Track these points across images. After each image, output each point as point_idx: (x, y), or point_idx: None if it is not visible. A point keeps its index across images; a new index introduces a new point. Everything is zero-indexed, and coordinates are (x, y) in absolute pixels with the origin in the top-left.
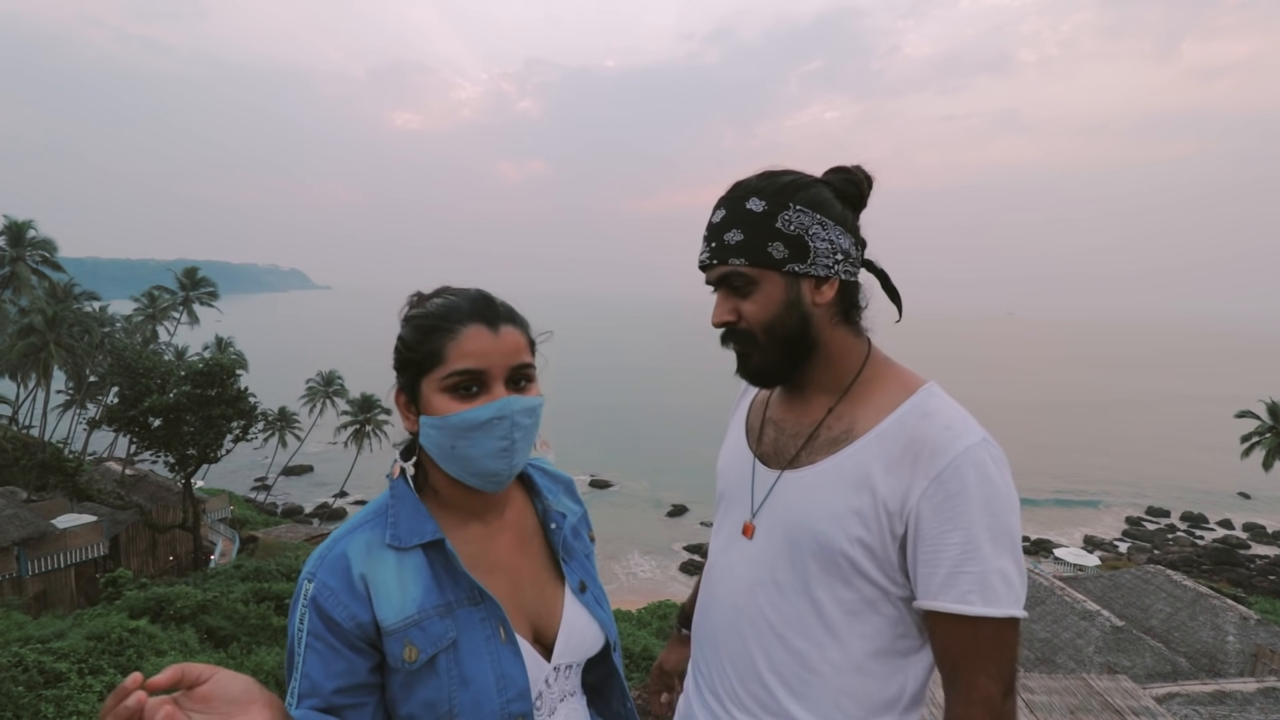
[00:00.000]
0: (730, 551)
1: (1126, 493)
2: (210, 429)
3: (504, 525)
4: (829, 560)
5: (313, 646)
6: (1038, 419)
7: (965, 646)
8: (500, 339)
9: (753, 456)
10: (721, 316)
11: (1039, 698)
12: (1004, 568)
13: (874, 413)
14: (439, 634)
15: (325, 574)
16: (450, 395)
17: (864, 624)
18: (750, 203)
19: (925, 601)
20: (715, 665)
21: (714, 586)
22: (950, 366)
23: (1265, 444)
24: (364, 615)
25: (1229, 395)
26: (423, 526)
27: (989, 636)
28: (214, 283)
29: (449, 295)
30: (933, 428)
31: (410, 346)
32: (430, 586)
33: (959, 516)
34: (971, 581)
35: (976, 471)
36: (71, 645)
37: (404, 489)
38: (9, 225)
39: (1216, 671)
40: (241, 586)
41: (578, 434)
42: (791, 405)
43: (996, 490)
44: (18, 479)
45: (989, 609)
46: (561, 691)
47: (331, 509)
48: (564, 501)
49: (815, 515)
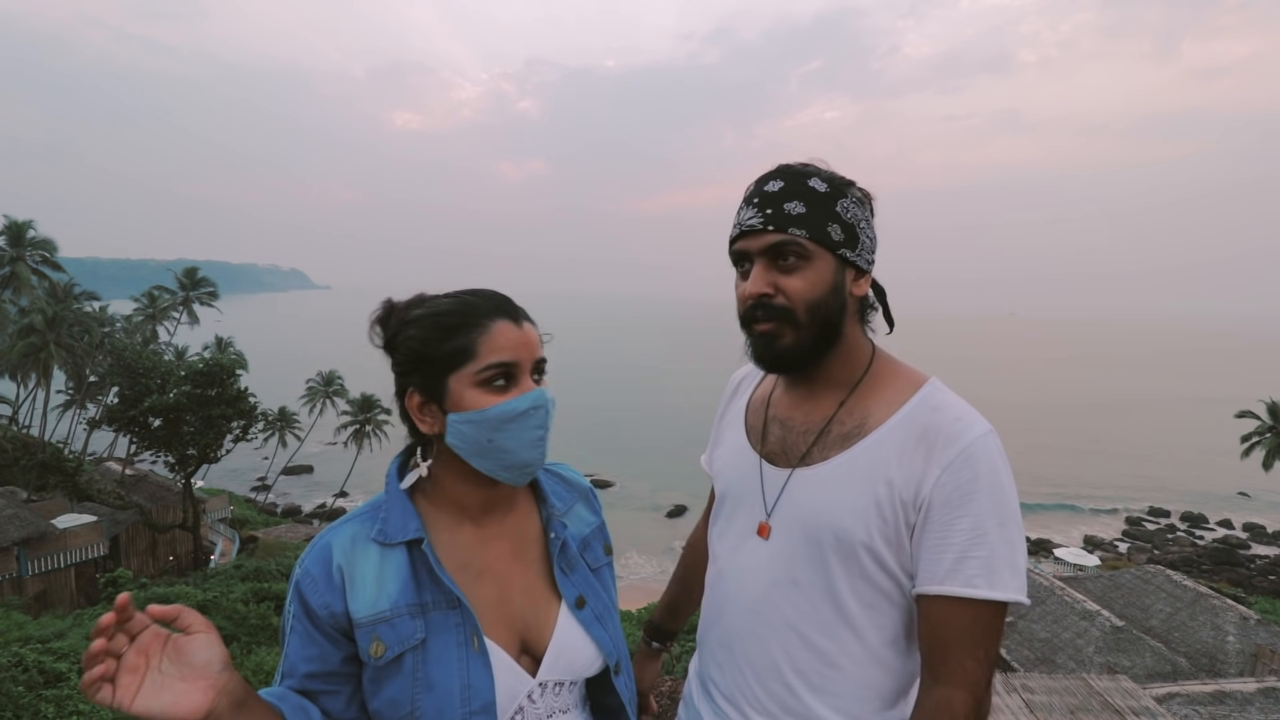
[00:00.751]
0: (741, 554)
1: (1126, 493)
2: (210, 429)
3: (501, 531)
4: (850, 555)
5: (295, 629)
6: (1038, 419)
7: (960, 630)
8: (524, 332)
9: (758, 457)
10: (761, 287)
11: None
12: (1010, 553)
13: (885, 407)
14: (407, 633)
15: (310, 562)
16: (485, 389)
17: (882, 615)
18: (813, 181)
19: (930, 586)
20: (731, 671)
21: (726, 591)
22: (953, 366)
23: (1265, 444)
24: (337, 605)
25: (1229, 395)
26: (407, 524)
27: (984, 621)
28: (214, 283)
29: (453, 295)
30: (944, 420)
31: (429, 344)
32: (408, 585)
33: (968, 503)
34: (978, 566)
35: (986, 461)
36: (71, 645)
37: (396, 487)
38: (9, 225)
39: (1216, 671)
40: (241, 586)
41: (578, 434)
42: (799, 402)
43: (1001, 479)
44: (18, 479)
45: (994, 593)
46: (549, 708)
47: (331, 509)
48: (578, 511)
49: (835, 511)
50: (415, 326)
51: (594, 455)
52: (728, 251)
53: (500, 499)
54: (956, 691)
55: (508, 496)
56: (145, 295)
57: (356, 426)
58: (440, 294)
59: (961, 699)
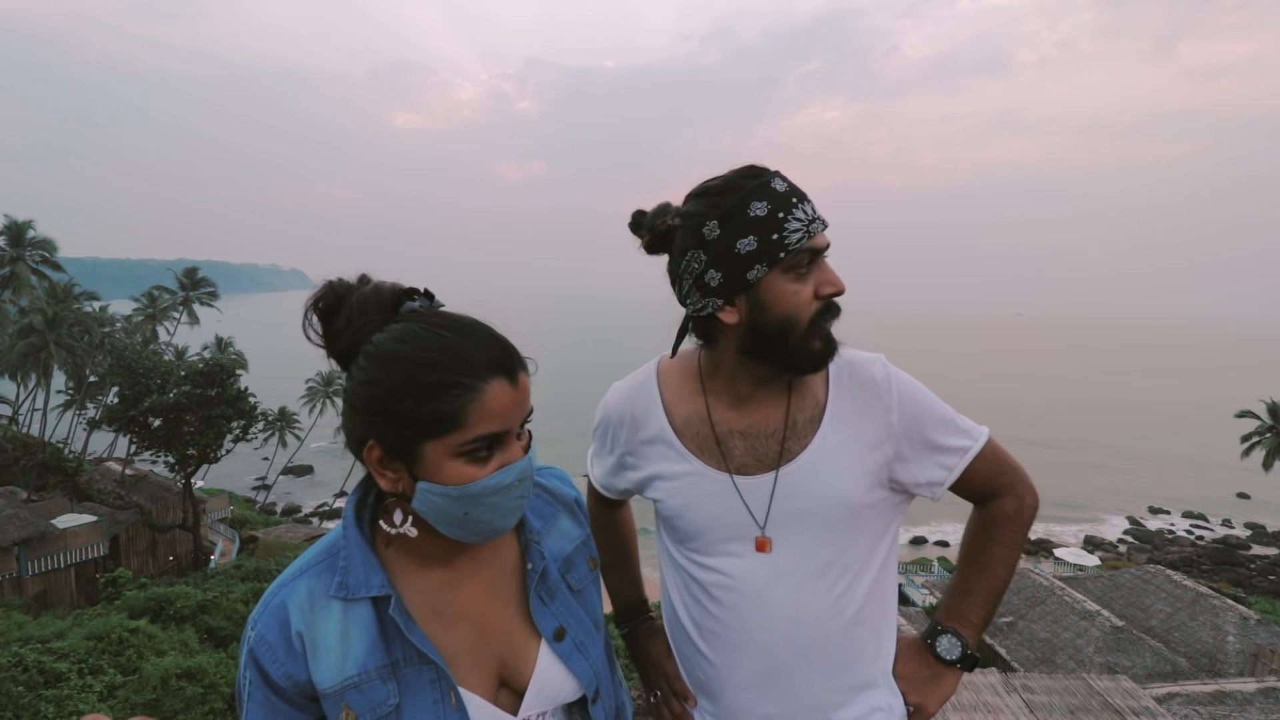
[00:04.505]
0: (747, 576)
1: (1126, 493)
2: (210, 429)
3: (475, 568)
4: (855, 518)
5: (254, 698)
6: (1039, 419)
7: (985, 472)
8: (520, 391)
9: (728, 474)
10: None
11: (1039, 698)
12: (953, 413)
13: (819, 380)
14: (379, 699)
15: (264, 626)
16: (466, 460)
17: (888, 533)
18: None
19: (954, 472)
20: (786, 694)
21: (746, 617)
22: (954, 366)
23: (1265, 444)
24: (300, 674)
25: (1229, 395)
26: (370, 579)
27: (988, 455)
28: (214, 283)
29: (429, 325)
30: (862, 367)
31: (400, 399)
32: (375, 644)
33: (921, 413)
34: (957, 436)
35: (902, 380)
36: (71, 645)
37: (355, 534)
38: (9, 225)
39: (1216, 671)
40: (241, 586)
41: (577, 434)
42: (752, 409)
43: (914, 380)
44: (18, 479)
45: (979, 441)
46: None
47: (331, 509)
48: (561, 525)
49: (838, 485)
50: (384, 366)
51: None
52: (783, 250)
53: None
54: (1003, 500)
55: None
56: (145, 295)
57: None
58: (417, 311)
59: (1008, 503)
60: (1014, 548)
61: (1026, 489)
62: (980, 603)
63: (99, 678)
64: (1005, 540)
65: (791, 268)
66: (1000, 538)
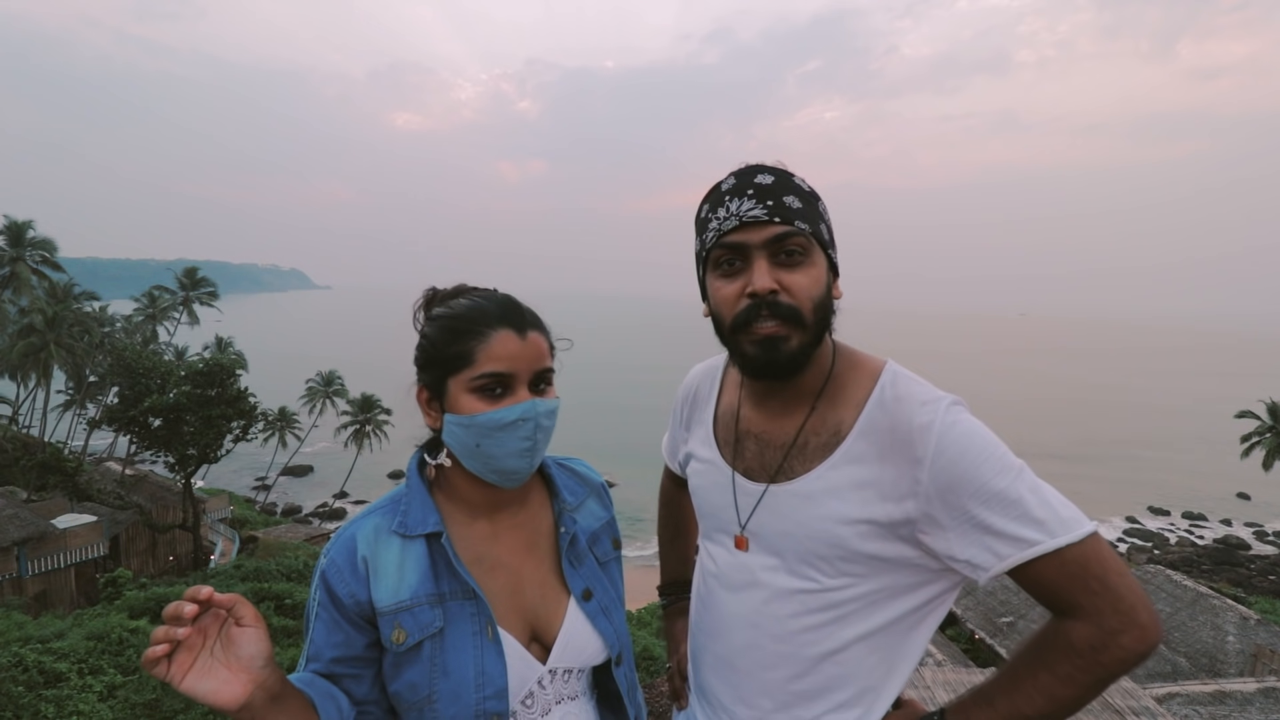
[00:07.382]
0: (727, 566)
1: (1126, 493)
2: (210, 429)
3: (515, 525)
4: (850, 562)
5: (320, 616)
6: (1039, 419)
7: (1068, 579)
8: (527, 344)
9: (732, 471)
10: (769, 283)
11: None
12: (1038, 498)
13: (853, 408)
14: (427, 621)
15: (335, 552)
16: (477, 396)
17: (876, 608)
18: (797, 179)
19: (1005, 563)
20: (732, 682)
21: (720, 603)
22: (957, 366)
23: (1265, 444)
24: (362, 594)
25: (1229, 395)
26: (427, 518)
27: (1076, 561)
28: (214, 283)
29: (474, 296)
30: (910, 410)
31: (437, 346)
32: (427, 575)
33: (964, 480)
34: (1029, 522)
35: (963, 436)
36: (71, 645)
37: (417, 482)
38: (9, 225)
39: (1216, 672)
40: (241, 586)
41: (578, 433)
42: (770, 414)
43: (979, 442)
44: (18, 479)
45: (1063, 540)
46: (558, 694)
47: (331, 509)
48: (590, 505)
49: (825, 522)
50: (432, 324)
51: (594, 454)
52: (704, 248)
53: (511, 496)
54: (1077, 623)
55: (519, 493)
56: (145, 295)
57: (356, 427)
58: (472, 290)
59: (1081, 629)
60: (1068, 683)
61: (1124, 623)
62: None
63: (99, 678)
64: (1059, 671)
65: (717, 265)
66: (1054, 665)
